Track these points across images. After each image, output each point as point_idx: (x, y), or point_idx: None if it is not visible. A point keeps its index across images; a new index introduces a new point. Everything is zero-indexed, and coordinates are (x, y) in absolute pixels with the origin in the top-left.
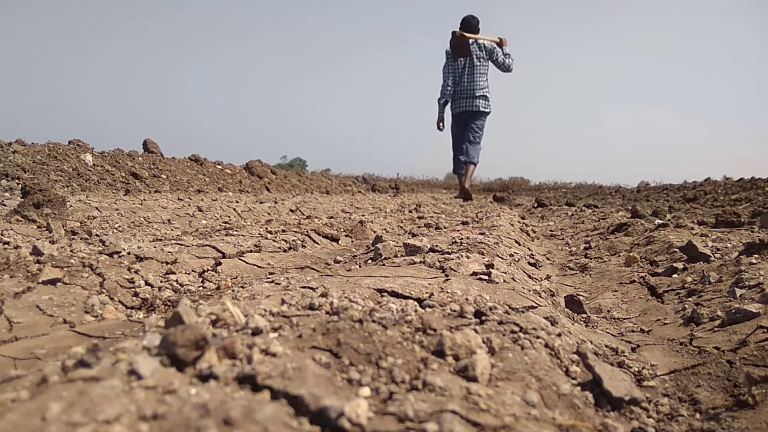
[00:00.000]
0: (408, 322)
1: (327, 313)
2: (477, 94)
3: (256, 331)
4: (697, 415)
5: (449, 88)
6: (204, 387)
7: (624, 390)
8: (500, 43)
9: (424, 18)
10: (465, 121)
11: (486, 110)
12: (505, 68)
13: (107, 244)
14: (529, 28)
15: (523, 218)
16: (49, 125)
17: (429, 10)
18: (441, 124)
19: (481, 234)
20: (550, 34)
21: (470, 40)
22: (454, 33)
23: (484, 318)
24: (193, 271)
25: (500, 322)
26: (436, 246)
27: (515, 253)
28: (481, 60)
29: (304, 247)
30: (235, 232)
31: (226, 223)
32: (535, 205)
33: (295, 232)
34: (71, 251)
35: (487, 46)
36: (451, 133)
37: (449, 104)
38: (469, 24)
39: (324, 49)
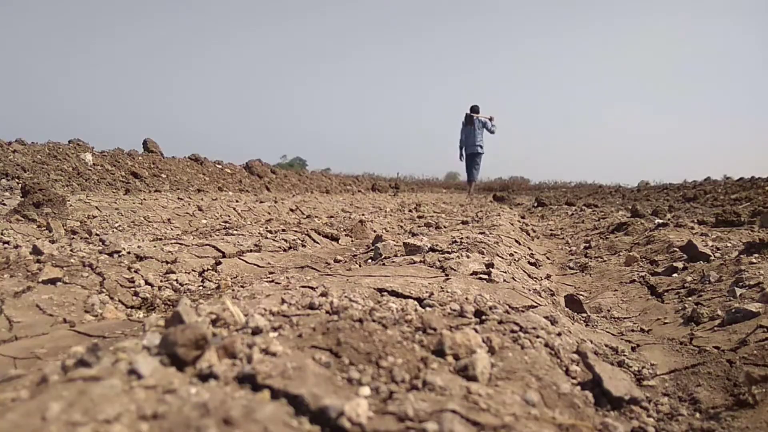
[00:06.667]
0: (408, 322)
1: (327, 312)
2: (478, 144)
3: (256, 331)
4: (697, 415)
5: (463, 142)
6: (204, 386)
7: (624, 389)
8: (491, 118)
9: (424, 18)
10: (473, 158)
11: (482, 152)
12: (491, 132)
13: (107, 244)
14: (530, 27)
15: (523, 217)
16: (49, 125)
17: (430, 11)
18: (461, 158)
19: (481, 233)
20: (552, 32)
21: (474, 117)
22: (466, 114)
23: (484, 317)
24: (193, 270)
25: (500, 322)
26: (436, 245)
27: (515, 252)
28: (479, 128)
29: (304, 246)
30: (235, 232)
31: (226, 222)
32: (535, 204)
33: (295, 231)
34: (71, 251)
35: (482, 120)
36: (465, 163)
37: (464, 149)
38: (475, 109)
39: (324, 48)
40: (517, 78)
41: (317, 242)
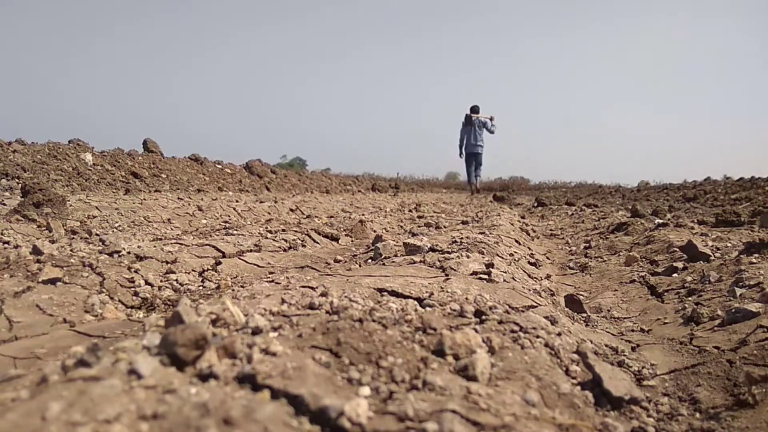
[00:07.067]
0: (408, 322)
1: (327, 312)
2: (478, 144)
3: (256, 331)
4: (697, 415)
5: (463, 141)
6: (204, 386)
7: (624, 389)
8: (491, 118)
9: (424, 18)
10: (473, 158)
11: (482, 152)
12: (491, 132)
13: (107, 244)
14: (530, 27)
15: (523, 217)
16: (49, 125)
17: (430, 11)
18: (461, 156)
19: (481, 233)
20: (552, 32)
21: (474, 118)
22: (466, 114)
23: (484, 317)
24: (193, 270)
25: (500, 322)
26: (436, 245)
27: (515, 252)
28: (480, 127)
29: (304, 246)
30: (235, 232)
31: (226, 222)
32: (535, 204)
33: (295, 231)
34: (71, 251)
35: (482, 120)
36: (465, 162)
37: (464, 147)
38: (475, 109)
39: (324, 48)
40: (517, 78)
41: (317, 242)
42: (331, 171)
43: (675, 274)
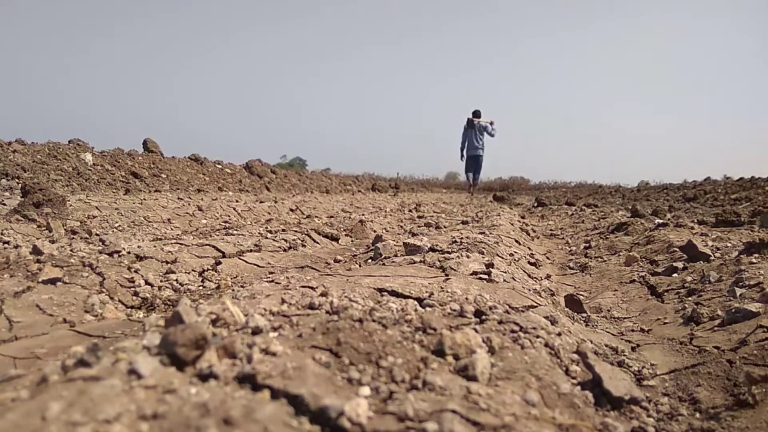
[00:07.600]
0: (408, 322)
1: (327, 312)
2: (478, 147)
3: (256, 331)
4: (697, 415)
5: (464, 144)
6: (204, 386)
7: (624, 389)
8: (491, 122)
9: (424, 18)
10: (474, 160)
11: (482, 155)
12: (491, 136)
13: (107, 244)
14: (530, 27)
15: (523, 217)
16: (49, 125)
17: (430, 11)
18: (463, 158)
19: (481, 233)
20: (552, 32)
21: (476, 122)
22: (468, 118)
23: (484, 317)
24: (193, 270)
25: (500, 322)
26: (436, 245)
27: (515, 252)
28: (481, 131)
29: (304, 246)
30: (235, 232)
31: (226, 222)
32: (535, 204)
33: (295, 231)
34: (71, 251)
35: (483, 124)
36: (465, 162)
37: (465, 150)
38: (477, 113)
39: (324, 48)
40: (517, 78)
41: (317, 242)
42: (331, 171)
43: (675, 274)
